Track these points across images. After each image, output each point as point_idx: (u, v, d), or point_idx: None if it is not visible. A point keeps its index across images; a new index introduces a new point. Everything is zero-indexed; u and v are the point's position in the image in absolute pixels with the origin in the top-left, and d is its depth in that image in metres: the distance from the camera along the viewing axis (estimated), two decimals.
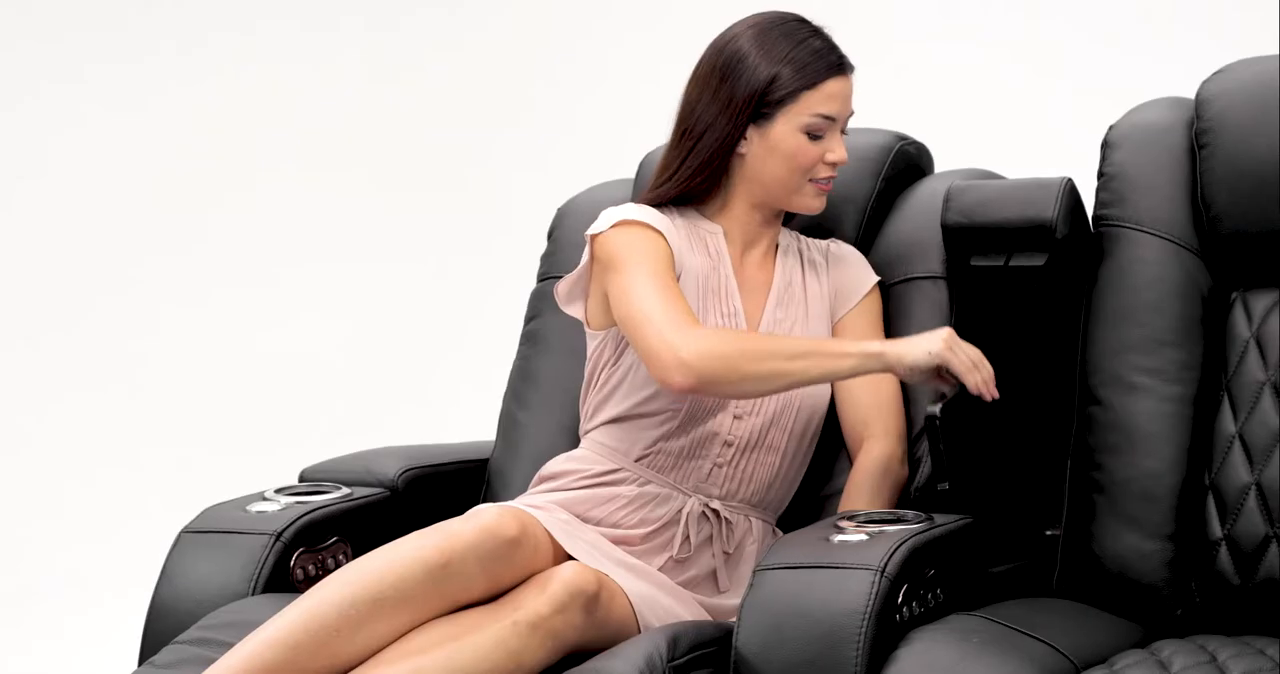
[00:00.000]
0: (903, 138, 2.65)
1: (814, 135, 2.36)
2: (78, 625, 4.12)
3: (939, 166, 2.72)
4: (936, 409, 2.23)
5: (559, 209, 2.82)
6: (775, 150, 2.36)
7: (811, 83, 2.35)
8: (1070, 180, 2.39)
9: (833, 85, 2.35)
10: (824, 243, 2.51)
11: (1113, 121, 2.47)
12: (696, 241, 2.42)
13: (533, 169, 4.74)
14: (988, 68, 4.06)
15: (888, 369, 2.25)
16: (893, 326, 2.49)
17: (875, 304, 2.48)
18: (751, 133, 2.37)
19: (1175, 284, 2.32)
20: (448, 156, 4.95)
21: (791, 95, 2.35)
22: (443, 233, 4.99)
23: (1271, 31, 3.44)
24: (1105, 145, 2.43)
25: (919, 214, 2.56)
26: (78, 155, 5.01)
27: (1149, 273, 2.33)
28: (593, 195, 2.76)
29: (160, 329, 5.00)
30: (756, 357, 2.24)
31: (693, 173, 2.39)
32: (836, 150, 2.37)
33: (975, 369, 2.24)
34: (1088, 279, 2.38)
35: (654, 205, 2.42)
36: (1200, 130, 2.35)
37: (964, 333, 2.46)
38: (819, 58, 2.35)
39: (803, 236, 2.52)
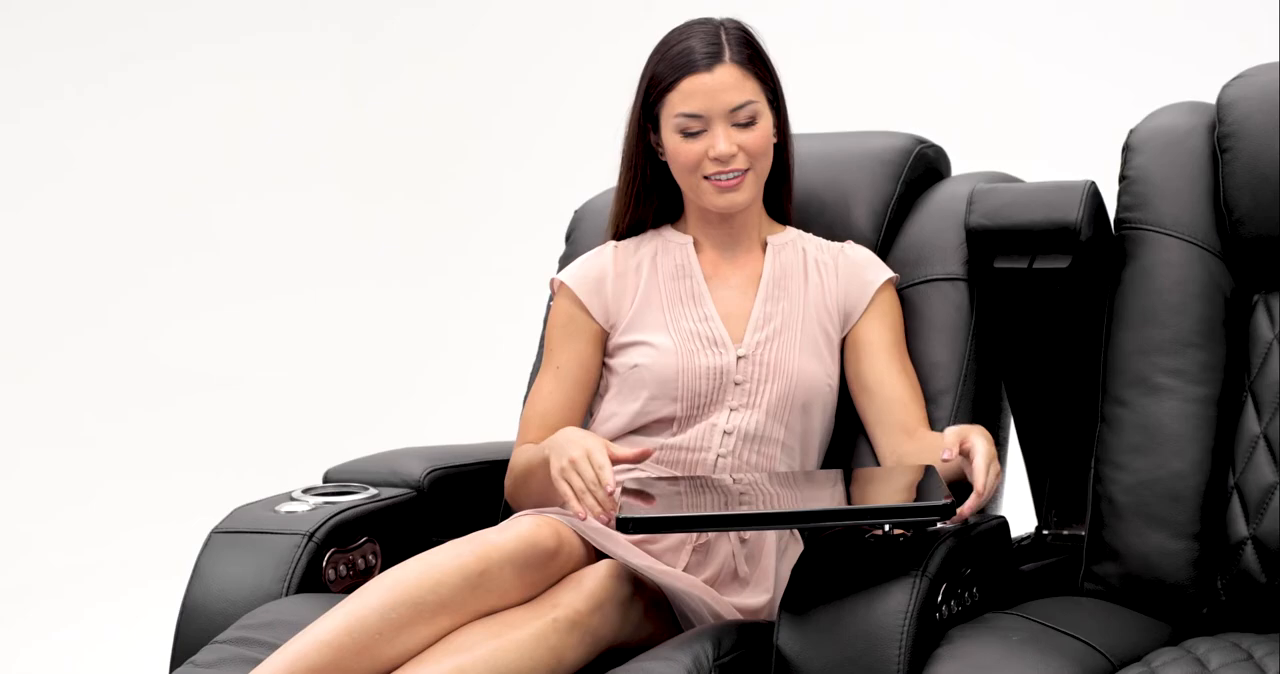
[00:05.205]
0: (921, 141, 2.67)
1: (688, 134, 2.38)
2: (102, 622, 4.12)
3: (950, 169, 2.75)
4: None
5: (576, 211, 2.83)
6: (669, 155, 2.42)
7: (671, 85, 2.38)
8: (1093, 183, 2.41)
9: (690, 83, 2.37)
10: (837, 245, 2.53)
11: (1130, 125, 2.49)
12: (665, 257, 2.49)
13: (525, 170, 4.77)
14: (1003, 70, 4.09)
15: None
16: (912, 327, 2.50)
17: (890, 302, 2.48)
18: (658, 143, 2.44)
19: (1198, 286, 2.35)
20: (457, 159, 4.97)
21: (659, 101, 2.40)
22: (442, 236, 5.01)
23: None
24: (1126, 149, 2.45)
25: (938, 216, 2.58)
26: (78, 164, 5.01)
27: (1172, 275, 2.35)
28: (609, 197, 2.76)
29: (160, 334, 5.01)
30: (513, 484, 2.45)
31: (627, 195, 2.51)
32: (716, 145, 2.37)
33: (581, 496, 2.18)
34: (1110, 281, 2.40)
35: (625, 235, 2.53)
36: (1222, 135, 2.38)
37: (987, 335, 2.49)
38: (677, 59, 2.39)
39: (812, 237, 2.54)
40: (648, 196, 2.52)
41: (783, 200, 2.54)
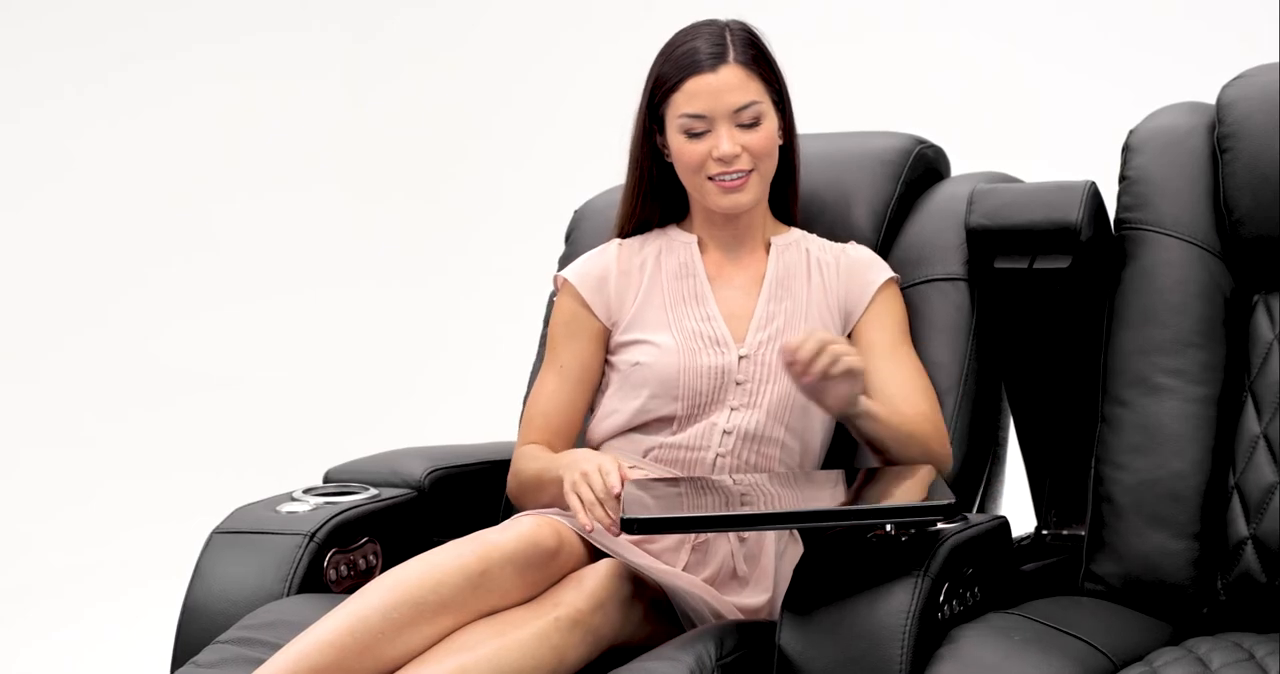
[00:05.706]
0: (921, 141, 2.67)
1: (692, 134, 2.39)
2: (102, 622, 4.12)
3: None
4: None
5: (576, 211, 2.84)
6: (673, 156, 2.43)
7: (675, 85, 2.39)
8: (1094, 183, 2.42)
9: (694, 84, 2.38)
10: (840, 246, 2.53)
11: (1130, 125, 2.49)
12: (669, 256, 2.50)
13: (525, 170, 4.76)
14: (1003, 70, 4.09)
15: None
16: (912, 327, 2.50)
17: (891, 301, 2.48)
18: (663, 144, 2.45)
19: (1198, 286, 2.35)
20: (457, 159, 4.97)
21: (663, 101, 2.41)
22: (442, 236, 5.01)
23: None
24: (1126, 149, 2.45)
25: (938, 216, 2.58)
26: (78, 164, 5.02)
27: (1172, 275, 2.36)
28: (610, 197, 2.77)
29: (160, 334, 5.01)
30: (520, 488, 2.44)
31: (633, 195, 2.52)
32: (720, 146, 2.38)
33: (590, 508, 2.19)
34: (1111, 281, 2.40)
35: (630, 233, 2.53)
36: (1222, 135, 2.38)
37: (987, 335, 2.49)
38: (681, 59, 2.39)
39: (815, 237, 2.54)
40: (653, 197, 2.52)
41: (789, 201, 2.54)
